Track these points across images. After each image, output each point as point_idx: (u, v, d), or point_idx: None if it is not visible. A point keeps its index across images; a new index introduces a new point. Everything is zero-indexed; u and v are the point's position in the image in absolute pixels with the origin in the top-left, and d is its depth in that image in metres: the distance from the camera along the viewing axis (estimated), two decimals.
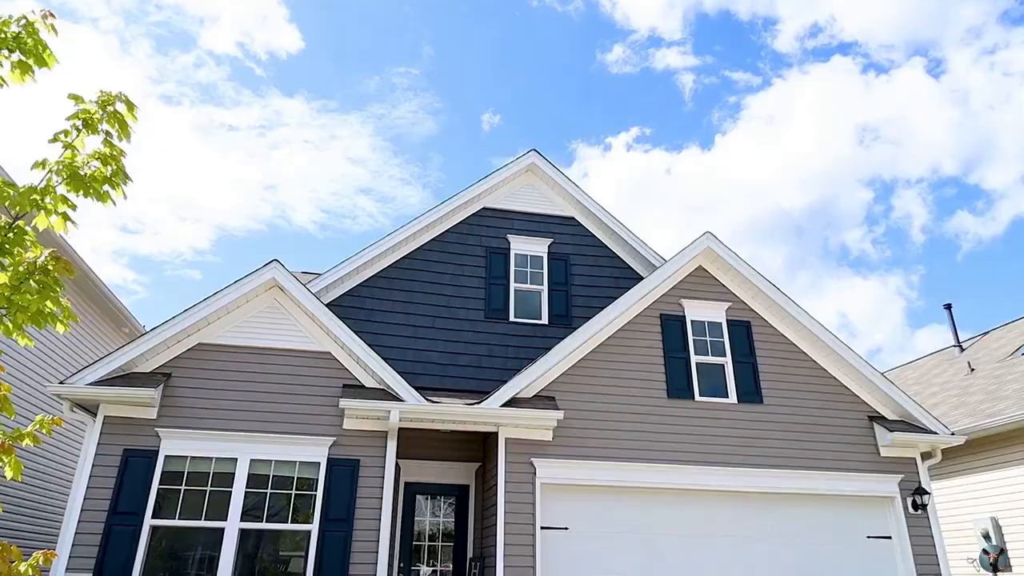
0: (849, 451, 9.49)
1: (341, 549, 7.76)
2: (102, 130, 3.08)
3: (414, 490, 9.58)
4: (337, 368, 8.61)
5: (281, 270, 8.70)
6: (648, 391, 9.28)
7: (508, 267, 11.09)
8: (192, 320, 8.28)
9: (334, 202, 47.15)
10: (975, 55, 38.81)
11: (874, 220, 46.99)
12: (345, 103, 43.47)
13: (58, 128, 3.09)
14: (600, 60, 40.69)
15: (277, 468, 8.06)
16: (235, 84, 40.78)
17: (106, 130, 3.09)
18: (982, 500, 11.99)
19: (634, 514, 8.76)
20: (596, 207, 11.64)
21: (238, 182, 45.92)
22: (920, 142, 42.68)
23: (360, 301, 10.34)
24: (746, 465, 9.08)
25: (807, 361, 9.98)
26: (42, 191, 2.97)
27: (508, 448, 8.50)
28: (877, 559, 9.13)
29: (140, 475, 7.68)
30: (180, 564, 7.66)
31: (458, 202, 11.20)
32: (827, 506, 9.30)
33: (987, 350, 16.10)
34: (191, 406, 8.11)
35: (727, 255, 10.11)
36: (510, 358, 10.28)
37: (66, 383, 7.73)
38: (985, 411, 12.32)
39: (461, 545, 9.46)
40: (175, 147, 43.47)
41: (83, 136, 3.05)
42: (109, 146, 3.07)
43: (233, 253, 46.00)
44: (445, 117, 43.71)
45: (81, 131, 3.03)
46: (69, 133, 3.04)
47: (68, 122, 3.05)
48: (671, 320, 9.82)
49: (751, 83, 42.76)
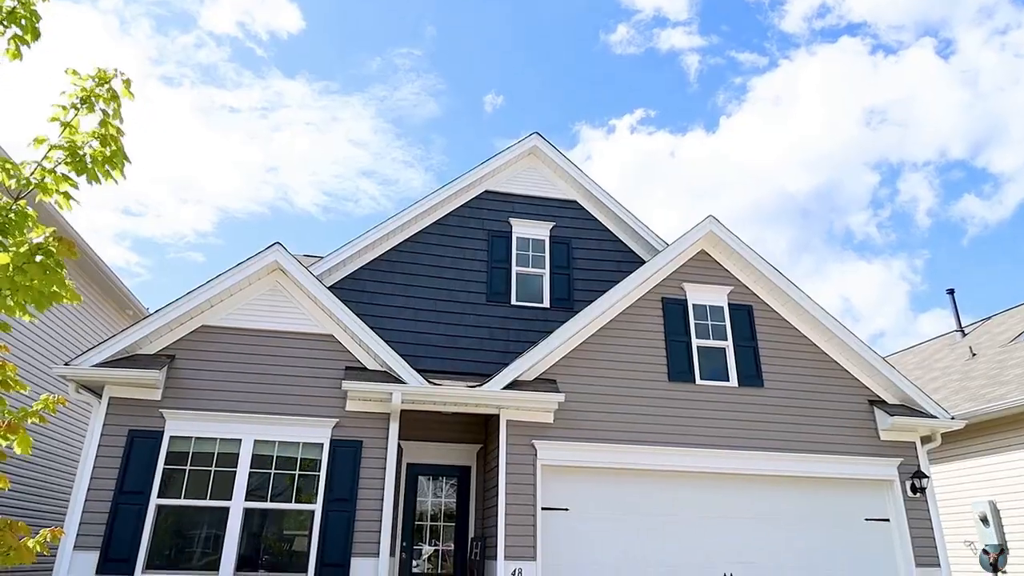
0: (849, 435, 9.53)
1: (344, 528, 7.86)
2: (99, 109, 3.08)
3: (416, 471, 9.67)
4: (339, 350, 8.66)
5: (283, 253, 8.72)
6: (649, 374, 9.32)
7: (510, 250, 11.10)
8: (195, 302, 8.33)
9: (336, 185, 47.10)
10: (986, 35, 38.35)
11: (879, 204, 46.79)
12: (347, 84, 43.26)
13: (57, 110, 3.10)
14: (604, 41, 40.34)
15: (281, 449, 8.14)
16: (236, 65, 40.58)
17: (103, 109, 3.09)
18: (981, 484, 12.05)
19: (634, 496, 8.84)
20: (598, 190, 11.62)
21: (240, 164, 45.87)
22: (928, 124, 42.36)
23: (362, 284, 10.37)
24: (746, 448, 9.13)
25: (808, 345, 10.00)
26: (42, 171, 2.99)
27: (509, 430, 8.57)
28: (875, 541, 9.22)
29: (145, 455, 7.77)
30: (186, 542, 7.77)
31: (460, 185, 11.19)
32: (826, 489, 9.36)
33: (990, 335, 16.09)
34: (195, 388, 8.18)
35: (729, 239, 10.10)
36: (511, 341, 10.32)
37: (71, 364, 7.80)
38: (986, 396, 12.34)
39: (463, 525, 9.58)
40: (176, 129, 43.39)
41: (80, 115, 3.05)
42: (106, 126, 3.08)
43: (235, 236, 46.07)
44: (447, 99, 43.48)
45: (79, 109, 3.04)
46: (67, 110, 3.04)
47: (65, 99, 3.05)
48: (673, 304, 9.83)
49: (757, 64, 42.40)
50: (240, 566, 7.62)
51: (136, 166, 44.48)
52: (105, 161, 3.05)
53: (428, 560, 9.42)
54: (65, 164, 3.03)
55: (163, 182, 43.72)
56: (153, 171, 44.31)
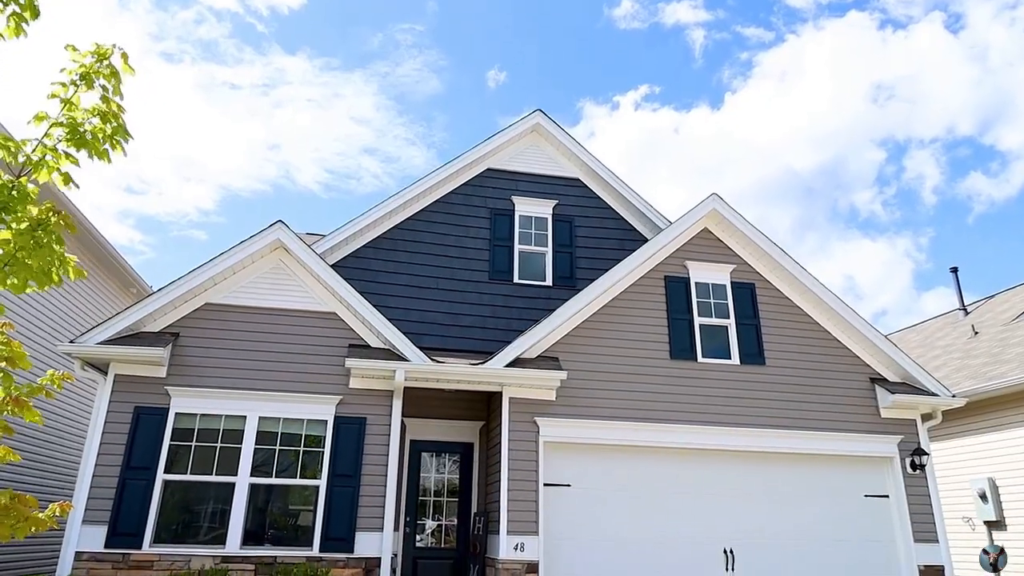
0: (850, 412, 9.58)
1: (349, 503, 7.96)
2: (98, 85, 3.07)
3: (420, 448, 9.77)
4: (343, 328, 8.70)
5: (286, 231, 8.72)
6: (651, 352, 9.35)
7: (512, 229, 11.08)
8: (199, 280, 8.35)
9: (338, 162, 46.89)
10: (995, 10, 37.70)
11: (885, 181, 46.45)
12: (348, 61, 42.85)
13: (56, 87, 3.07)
14: (608, 15, 39.77)
15: (285, 426, 8.22)
16: (236, 41, 40.19)
17: (103, 85, 3.07)
18: (981, 461, 12.13)
19: (636, 472, 8.92)
20: (601, 168, 11.56)
21: (241, 142, 45.64)
22: (936, 101, 41.85)
23: (365, 262, 10.38)
24: (747, 425, 9.19)
25: (810, 323, 10.01)
26: (43, 148, 2.98)
27: (512, 407, 8.63)
28: (874, 517, 9.31)
29: (151, 431, 7.86)
30: (193, 517, 7.89)
31: (462, 163, 11.13)
32: (826, 465, 9.44)
33: (992, 313, 16.07)
34: (200, 365, 8.24)
35: (733, 217, 10.06)
36: (514, 319, 10.35)
37: (76, 342, 7.86)
38: (987, 374, 12.37)
39: (466, 500, 9.69)
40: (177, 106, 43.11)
41: (80, 92, 3.04)
42: (106, 102, 3.07)
43: (238, 214, 46.01)
44: (450, 75, 43.07)
45: (79, 86, 3.02)
46: (66, 87, 3.03)
47: (65, 76, 3.03)
48: (675, 282, 9.83)
49: (763, 39, 41.84)
50: (246, 540, 7.74)
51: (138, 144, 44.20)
52: (107, 139, 3.05)
53: (432, 535, 9.56)
54: (66, 141, 3.02)
55: (165, 160, 43.58)
56: (155, 149, 44.15)
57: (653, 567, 8.51)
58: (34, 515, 3.01)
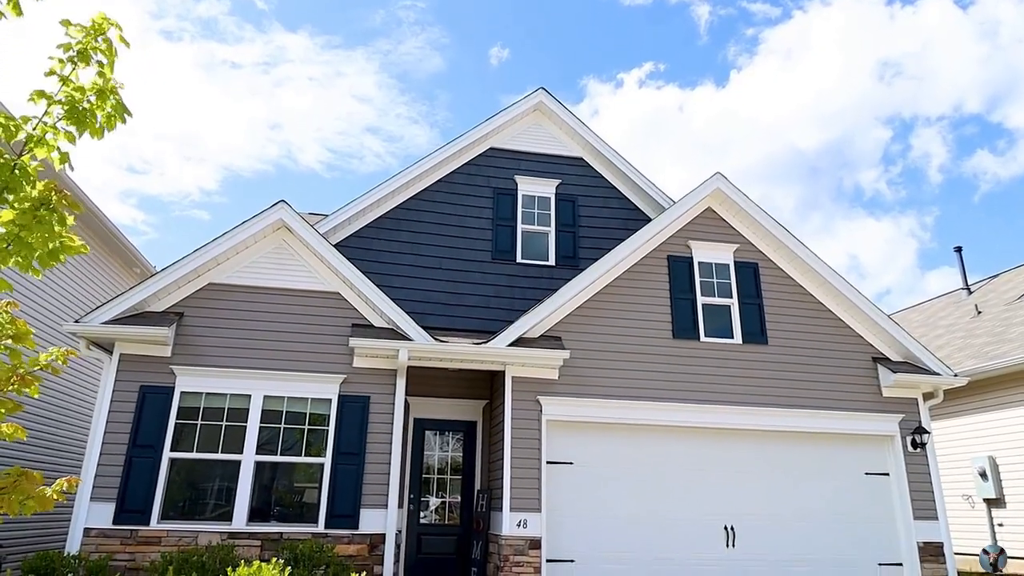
0: (852, 391, 9.61)
1: (353, 481, 8.05)
2: (95, 61, 3.04)
3: (423, 426, 9.84)
4: (346, 308, 8.72)
5: (288, 211, 8.71)
6: (654, 332, 9.36)
7: (515, 208, 11.04)
8: (202, 260, 8.37)
9: (340, 142, 46.66)
10: None
11: (891, 160, 46.09)
12: (349, 38, 42.43)
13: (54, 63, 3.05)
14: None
15: (290, 404, 8.28)
16: (236, 19, 39.78)
17: (99, 61, 3.05)
18: (981, 440, 12.19)
19: (638, 451, 8.98)
20: (605, 147, 11.48)
21: (243, 121, 45.39)
22: (943, 78, 41.37)
23: (367, 242, 10.37)
24: (749, 404, 9.23)
25: (813, 302, 10.00)
26: (43, 127, 2.97)
27: (515, 386, 8.67)
28: (875, 494, 9.38)
29: (157, 410, 7.93)
30: (199, 494, 7.98)
31: (465, 142, 11.07)
32: (827, 444, 9.49)
33: (996, 293, 16.03)
34: (204, 344, 8.28)
35: (736, 196, 10.01)
36: (517, 299, 10.35)
37: (81, 322, 7.89)
38: (989, 353, 12.38)
39: (469, 478, 9.79)
40: (177, 85, 42.83)
41: (78, 69, 3.01)
42: (103, 77, 3.04)
43: (240, 194, 45.92)
44: (452, 52, 42.65)
45: (76, 63, 2.99)
46: (63, 64, 3.00)
47: (62, 52, 3.00)
48: (678, 261, 9.81)
49: (770, 15, 41.29)
50: (252, 517, 7.84)
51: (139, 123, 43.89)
52: (105, 117, 3.03)
53: (435, 511, 9.67)
54: (65, 120, 3.00)
55: (167, 139, 43.39)
56: (156, 128, 43.95)
57: (655, 543, 8.61)
58: (40, 491, 3.04)
